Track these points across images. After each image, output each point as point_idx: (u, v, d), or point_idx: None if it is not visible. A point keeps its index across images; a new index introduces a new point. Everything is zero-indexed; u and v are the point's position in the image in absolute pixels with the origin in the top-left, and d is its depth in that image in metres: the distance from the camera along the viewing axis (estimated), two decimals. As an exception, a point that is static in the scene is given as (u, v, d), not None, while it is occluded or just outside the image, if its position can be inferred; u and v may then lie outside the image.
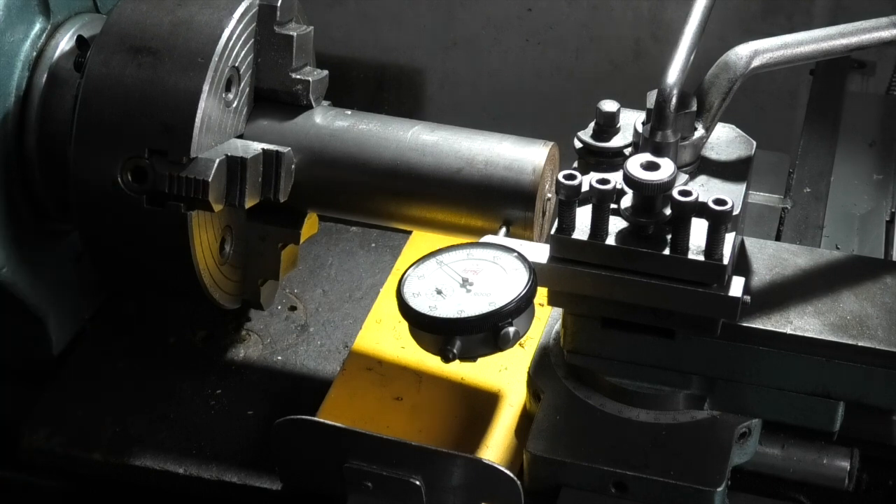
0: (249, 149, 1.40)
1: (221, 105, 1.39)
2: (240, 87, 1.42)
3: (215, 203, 1.36)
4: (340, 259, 1.73)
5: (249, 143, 1.42)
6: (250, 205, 1.40)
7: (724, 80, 1.31)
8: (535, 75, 2.36)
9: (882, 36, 1.33)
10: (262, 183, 1.41)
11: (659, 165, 1.21)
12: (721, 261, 1.20)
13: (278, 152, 1.41)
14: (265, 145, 1.41)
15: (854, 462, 1.36)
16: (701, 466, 1.26)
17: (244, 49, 1.41)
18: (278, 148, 1.41)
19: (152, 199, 1.35)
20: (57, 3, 1.47)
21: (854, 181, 1.71)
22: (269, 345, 1.60)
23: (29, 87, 1.45)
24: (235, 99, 1.42)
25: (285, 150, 1.41)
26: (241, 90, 1.42)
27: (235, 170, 1.38)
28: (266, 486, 1.40)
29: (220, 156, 1.36)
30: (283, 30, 1.44)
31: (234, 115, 1.42)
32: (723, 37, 1.66)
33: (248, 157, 1.38)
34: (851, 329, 1.27)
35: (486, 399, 1.45)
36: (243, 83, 1.43)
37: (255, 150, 1.40)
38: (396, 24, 2.38)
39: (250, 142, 1.42)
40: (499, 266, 1.23)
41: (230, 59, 1.39)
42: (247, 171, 1.38)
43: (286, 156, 1.41)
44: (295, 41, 1.44)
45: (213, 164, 1.35)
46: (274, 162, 1.41)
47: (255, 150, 1.40)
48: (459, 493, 1.27)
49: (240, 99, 1.43)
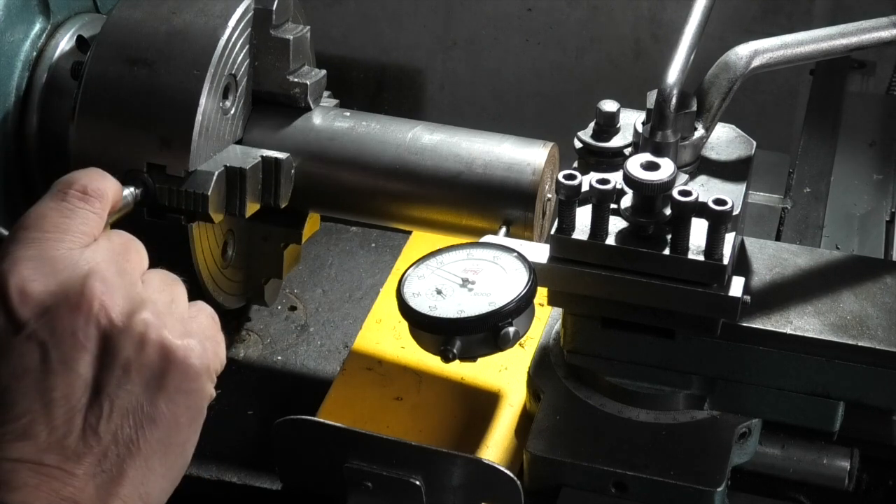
0: (248, 157, 1.39)
1: (219, 113, 1.38)
2: (237, 94, 1.41)
3: (215, 215, 1.36)
4: (340, 259, 1.73)
5: (248, 150, 1.41)
6: (251, 213, 1.40)
7: (724, 80, 1.31)
8: (535, 75, 2.36)
9: (882, 36, 1.33)
10: (261, 190, 1.40)
11: (659, 165, 1.21)
12: (721, 261, 1.20)
13: (277, 159, 1.40)
14: (264, 152, 1.40)
15: (854, 462, 1.36)
16: (701, 466, 1.26)
17: (241, 55, 1.40)
18: (277, 155, 1.40)
19: (152, 211, 1.34)
20: (57, 3, 1.47)
21: (854, 181, 1.71)
22: (269, 345, 1.60)
23: (29, 87, 1.45)
24: (233, 106, 1.41)
25: (284, 156, 1.40)
26: (238, 96, 1.42)
27: (235, 180, 1.37)
28: (266, 486, 1.40)
29: (219, 167, 1.36)
30: (278, 33, 1.43)
31: (232, 121, 1.42)
32: (723, 37, 1.66)
33: (246, 167, 1.37)
34: (851, 329, 1.27)
35: (486, 399, 1.45)
36: (240, 89, 1.42)
37: (254, 158, 1.39)
38: (396, 24, 2.38)
39: (249, 148, 1.42)
40: (499, 266, 1.23)
41: (227, 68, 1.38)
42: (246, 182, 1.37)
43: (285, 162, 1.40)
44: (291, 44, 1.43)
45: (211, 177, 1.34)
46: (273, 169, 1.40)
47: (253, 158, 1.39)
48: (459, 493, 1.27)
49: (237, 105, 1.42)
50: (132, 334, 0.93)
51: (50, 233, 0.95)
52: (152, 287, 0.98)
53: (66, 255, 0.94)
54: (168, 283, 1.00)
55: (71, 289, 0.93)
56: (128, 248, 0.99)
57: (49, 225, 0.96)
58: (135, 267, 0.98)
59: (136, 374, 0.93)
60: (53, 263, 0.94)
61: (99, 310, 0.93)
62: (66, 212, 0.97)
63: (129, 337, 0.93)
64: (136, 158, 1.34)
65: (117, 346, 0.93)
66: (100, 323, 0.93)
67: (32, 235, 0.95)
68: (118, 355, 0.93)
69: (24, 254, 0.94)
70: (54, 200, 0.98)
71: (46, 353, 0.91)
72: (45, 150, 1.45)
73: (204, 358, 0.97)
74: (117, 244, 0.99)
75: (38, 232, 0.95)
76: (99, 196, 1.00)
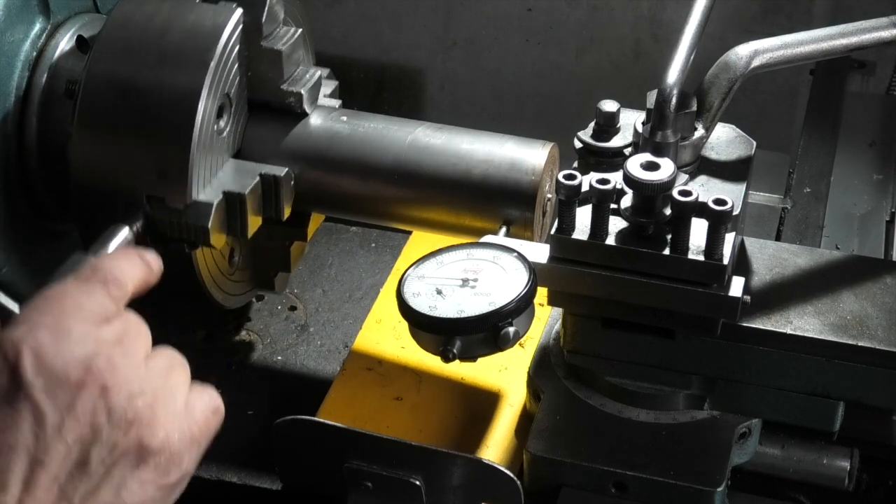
0: (246, 178, 1.38)
1: (214, 135, 1.37)
2: (231, 110, 1.40)
3: (217, 242, 1.35)
4: (340, 259, 1.73)
5: (246, 167, 1.40)
6: (253, 230, 1.39)
7: (724, 80, 1.31)
8: (535, 75, 2.36)
9: (882, 36, 1.33)
10: (262, 206, 1.40)
11: (659, 165, 1.21)
12: (721, 261, 1.20)
13: (276, 176, 1.39)
14: (262, 168, 1.39)
15: (854, 462, 1.36)
16: (701, 466, 1.26)
17: (233, 71, 1.38)
18: (275, 171, 1.39)
19: (155, 238, 1.34)
20: (57, 3, 1.47)
21: (854, 181, 1.71)
22: (269, 345, 1.60)
23: (29, 87, 1.44)
24: (228, 124, 1.39)
25: (283, 171, 1.39)
26: (233, 112, 1.40)
27: (235, 204, 1.36)
28: (266, 486, 1.40)
29: (218, 195, 1.35)
30: (269, 43, 1.41)
31: (229, 137, 1.41)
32: (723, 37, 1.66)
33: (245, 192, 1.36)
34: (851, 329, 1.27)
35: (486, 399, 1.45)
36: (235, 104, 1.40)
37: (253, 178, 1.38)
38: (396, 24, 2.38)
39: (247, 165, 1.40)
40: (499, 266, 1.23)
41: (220, 89, 1.36)
42: (246, 205, 1.37)
43: (284, 178, 1.40)
44: (283, 55, 1.41)
45: (211, 208, 1.33)
46: (273, 185, 1.39)
47: (252, 178, 1.38)
48: (459, 493, 1.27)
49: (233, 120, 1.40)
50: (126, 417, 0.97)
51: (68, 307, 0.99)
52: (155, 372, 1.01)
53: (80, 330, 0.98)
54: (172, 368, 1.03)
55: (79, 364, 0.96)
56: (136, 332, 1.03)
57: (69, 300, 1.00)
58: (139, 350, 1.02)
59: (121, 457, 0.96)
60: (68, 336, 0.97)
61: (101, 389, 0.96)
62: (87, 292, 1.02)
63: (122, 419, 0.96)
64: (135, 190, 1.34)
65: (109, 426, 0.96)
66: (98, 402, 0.96)
67: (52, 306, 0.99)
68: (109, 435, 0.96)
69: (42, 320, 0.98)
70: (77, 283, 1.03)
71: (42, 419, 0.94)
72: (46, 150, 1.45)
73: (178, 462, 1.00)
74: (127, 327, 1.03)
75: (58, 304, 1.00)
76: (120, 286, 1.04)
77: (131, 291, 1.06)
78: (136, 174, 1.34)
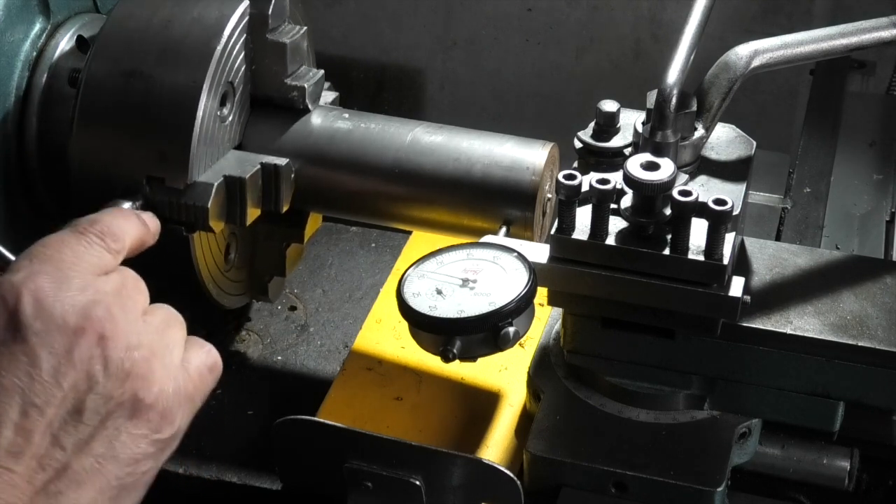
0: (247, 165, 1.38)
1: (217, 122, 1.37)
2: (235, 99, 1.41)
3: (215, 225, 1.35)
4: (340, 259, 1.73)
5: (247, 156, 1.41)
6: (252, 220, 1.39)
7: (724, 80, 1.31)
8: (535, 75, 2.36)
9: (882, 36, 1.33)
10: (262, 197, 1.40)
11: (659, 165, 1.21)
12: (721, 261, 1.20)
13: (276, 165, 1.39)
14: (263, 158, 1.40)
15: (854, 462, 1.36)
16: (701, 466, 1.26)
17: (237, 61, 1.39)
18: (276, 161, 1.40)
19: None
20: (57, 3, 1.47)
21: (854, 181, 1.71)
22: (269, 345, 1.60)
23: (29, 87, 1.45)
24: (231, 113, 1.40)
25: (283, 162, 1.40)
26: (236, 102, 1.41)
27: (234, 190, 1.36)
28: (266, 486, 1.40)
29: (218, 178, 1.35)
30: (275, 37, 1.42)
31: (231, 128, 1.41)
32: (723, 37, 1.66)
33: (246, 176, 1.36)
34: (851, 329, 1.27)
35: (486, 399, 1.45)
36: (238, 94, 1.41)
37: (253, 166, 1.38)
38: (396, 24, 2.38)
39: (248, 155, 1.41)
40: (499, 266, 1.23)
41: (224, 77, 1.37)
42: (246, 191, 1.37)
43: (284, 168, 1.40)
44: (288, 48, 1.42)
45: (211, 188, 1.33)
46: (273, 175, 1.40)
47: (252, 166, 1.38)
48: (459, 493, 1.27)
49: (236, 111, 1.41)
50: (122, 368, 0.96)
51: (67, 257, 0.99)
52: (152, 327, 1.00)
53: (80, 278, 0.98)
54: (169, 324, 1.03)
55: (77, 311, 0.95)
56: (134, 286, 1.02)
57: (67, 250, 1.00)
58: (137, 304, 1.01)
59: (116, 408, 0.96)
60: (68, 283, 0.97)
61: (98, 338, 0.95)
62: (85, 244, 1.01)
63: (118, 370, 0.96)
64: (135, 171, 1.34)
65: (105, 376, 0.96)
66: (95, 350, 0.95)
67: (51, 254, 0.99)
68: (104, 385, 0.95)
69: (42, 268, 0.97)
70: (74, 234, 1.02)
71: (38, 362, 0.93)
72: (46, 150, 1.45)
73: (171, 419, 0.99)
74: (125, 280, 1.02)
75: (57, 253, 0.99)
76: (117, 239, 1.04)
77: (128, 246, 1.05)
78: (138, 155, 1.34)
